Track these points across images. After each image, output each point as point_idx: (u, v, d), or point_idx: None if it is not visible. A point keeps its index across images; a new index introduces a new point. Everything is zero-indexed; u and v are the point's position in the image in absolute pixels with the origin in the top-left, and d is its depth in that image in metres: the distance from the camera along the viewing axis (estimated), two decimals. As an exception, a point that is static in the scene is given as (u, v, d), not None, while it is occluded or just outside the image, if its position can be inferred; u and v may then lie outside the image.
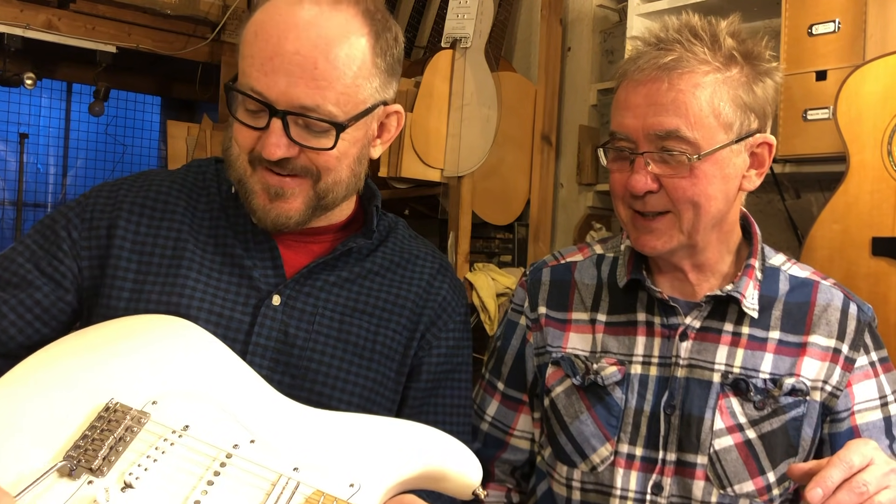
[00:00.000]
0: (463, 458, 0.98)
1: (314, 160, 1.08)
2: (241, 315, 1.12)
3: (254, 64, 1.05)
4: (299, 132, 1.05)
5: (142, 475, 0.89)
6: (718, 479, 1.16)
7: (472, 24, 2.67)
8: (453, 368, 1.24)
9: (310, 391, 1.11)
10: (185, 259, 1.13)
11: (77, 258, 1.14)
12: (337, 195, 1.13)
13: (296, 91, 1.03)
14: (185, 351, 1.05)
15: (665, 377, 1.20)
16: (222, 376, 1.02)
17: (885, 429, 1.19)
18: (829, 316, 1.20)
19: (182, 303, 1.10)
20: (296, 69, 1.03)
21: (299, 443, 0.95)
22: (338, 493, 0.89)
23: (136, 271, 1.12)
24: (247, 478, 0.90)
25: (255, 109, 1.06)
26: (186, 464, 0.90)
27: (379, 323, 1.18)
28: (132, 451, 0.91)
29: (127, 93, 5.21)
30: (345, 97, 1.06)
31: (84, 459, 0.88)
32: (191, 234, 1.15)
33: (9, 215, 4.98)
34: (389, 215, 1.29)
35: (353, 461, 0.94)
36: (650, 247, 1.17)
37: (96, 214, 1.16)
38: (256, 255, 1.15)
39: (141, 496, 0.86)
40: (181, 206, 1.17)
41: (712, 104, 1.11)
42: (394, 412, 1.20)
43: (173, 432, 0.93)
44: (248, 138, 1.07)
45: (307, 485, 0.90)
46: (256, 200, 1.09)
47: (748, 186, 1.18)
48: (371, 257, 1.22)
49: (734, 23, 1.16)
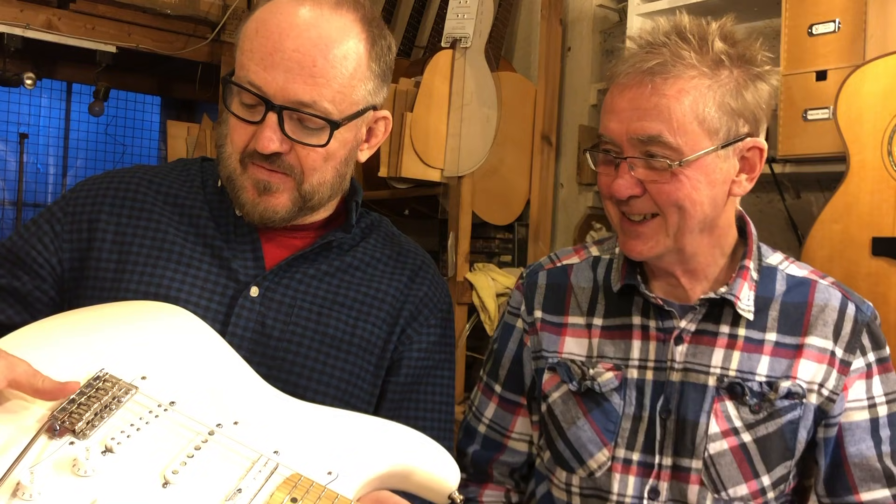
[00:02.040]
0: (440, 460, 0.98)
1: (302, 159, 1.10)
2: (218, 305, 1.13)
3: (253, 58, 1.07)
4: (293, 128, 1.08)
5: (123, 441, 0.90)
6: (713, 484, 1.16)
7: (472, 24, 2.66)
8: (434, 365, 1.24)
9: (286, 382, 1.12)
10: (165, 250, 1.15)
11: (59, 250, 1.16)
12: (322, 196, 1.15)
13: (293, 87, 1.06)
14: (176, 333, 1.07)
15: (661, 381, 1.19)
16: (211, 360, 1.04)
17: (870, 429, 1.18)
18: (827, 316, 1.19)
19: (160, 293, 1.12)
20: (294, 66, 1.06)
21: (281, 429, 0.96)
22: (316, 478, 0.89)
23: (116, 261, 1.15)
24: (227, 454, 0.91)
25: (252, 103, 1.08)
26: (169, 435, 0.92)
27: (358, 316, 1.18)
28: (117, 418, 0.92)
29: (127, 93, 5.21)
30: (340, 96, 1.09)
31: (68, 421, 0.89)
32: (171, 224, 1.17)
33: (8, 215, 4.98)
34: (374, 213, 1.30)
35: (333, 451, 0.94)
36: (637, 251, 1.17)
37: (79, 208, 1.19)
38: (237, 246, 1.17)
39: (120, 461, 0.87)
40: (162, 199, 1.20)
41: (696, 110, 1.09)
42: (372, 406, 1.20)
43: (159, 405, 0.95)
44: (243, 135, 1.10)
45: (286, 466, 0.90)
46: (245, 195, 1.12)
47: (738, 192, 1.17)
48: (353, 252, 1.23)
49: (726, 24, 1.14)
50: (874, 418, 1.18)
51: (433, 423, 1.23)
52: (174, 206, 1.19)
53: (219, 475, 0.88)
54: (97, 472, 0.85)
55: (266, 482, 0.88)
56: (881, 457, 1.18)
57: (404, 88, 2.65)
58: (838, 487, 1.20)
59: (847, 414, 1.18)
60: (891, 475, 1.18)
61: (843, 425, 1.18)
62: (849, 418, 1.18)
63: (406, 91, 2.64)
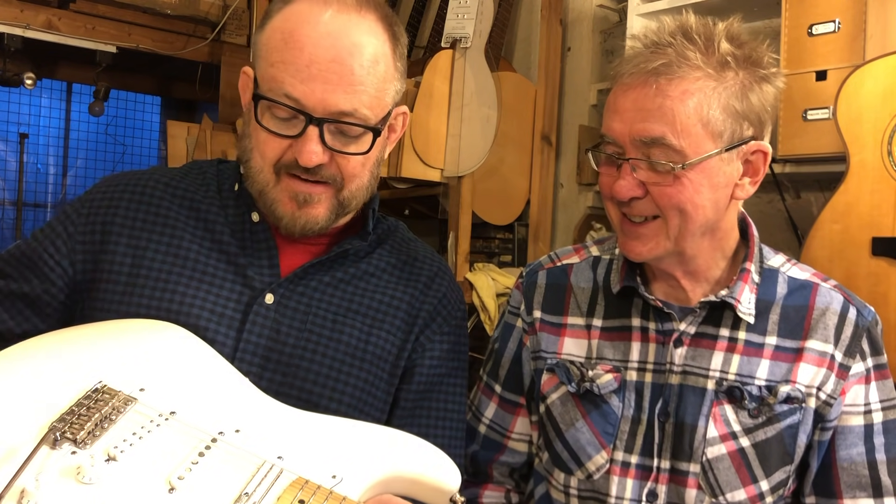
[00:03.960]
0: (441, 463, 0.99)
1: (342, 168, 1.10)
2: (233, 312, 1.12)
3: (287, 70, 1.05)
4: (333, 139, 1.07)
5: (126, 449, 0.89)
6: (710, 488, 1.15)
7: (472, 24, 2.66)
8: (448, 373, 1.24)
9: (300, 390, 1.11)
10: (180, 256, 1.14)
11: (71, 252, 1.15)
12: (360, 200, 1.15)
13: (334, 98, 1.05)
14: (174, 349, 1.07)
15: (660, 384, 1.19)
16: (209, 372, 1.05)
17: (863, 435, 1.17)
18: (827, 320, 1.18)
19: (175, 299, 1.11)
20: (333, 76, 1.04)
21: (283, 436, 0.97)
22: (321, 482, 0.90)
23: (130, 265, 1.13)
24: (231, 459, 0.91)
25: (286, 116, 1.07)
26: (171, 444, 0.92)
27: (373, 324, 1.18)
28: (118, 428, 0.92)
29: (127, 93, 5.21)
30: (376, 101, 1.09)
31: (69, 431, 0.89)
32: (186, 230, 1.16)
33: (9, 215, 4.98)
34: (390, 219, 1.30)
35: (336, 456, 0.95)
36: (636, 252, 1.16)
37: (94, 210, 1.17)
38: (253, 253, 1.16)
39: (124, 468, 0.87)
40: (178, 203, 1.18)
41: (701, 112, 1.07)
42: (386, 414, 1.19)
43: (160, 415, 0.95)
44: (276, 148, 1.08)
45: (291, 471, 0.91)
46: (282, 209, 1.10)
47: (741, 195, 1.15)
48: (368, 259, 1.22)
49: (733, 25, 1.13)
50: (868, 424, 1.17)
51: (444, 432, 1.22)
52: (190, 209, 1.18)
53: (224, 480, 0.88)
54: (102, 479, 0.85)
55: (272, 486, 0.88)
56: (871, 464, 1.17)
57: (404, 89, 2.64)
58: (824, 490, 1.19)
59: (843, 418, 1.17)
60: (878, 485, 1.16)
61: (837, 429, 1.17)
62: (844, 422, 1.17)
63: (406, 91, 2.63)
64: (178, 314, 1.10)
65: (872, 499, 1.16)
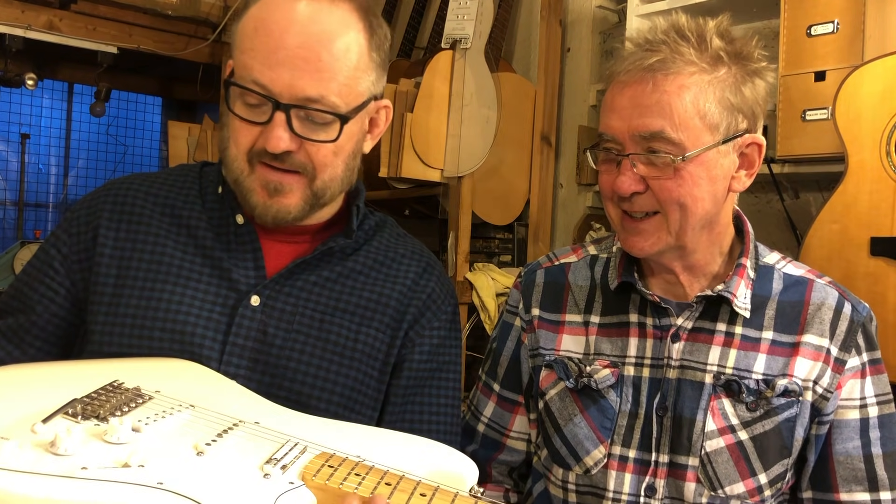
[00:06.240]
0: (455, 459, 0.98)
1: (312, 156, 1.09)
2: (219, 315, 1.12)
3: (256, 57, 1.06)
4: (301, 125, 1.07)
5: (150, 423, 0.90)
6: (709, 481, 1.16)
7: (471, 25, 2.67)
8: (438, 367, 1.23)
9: (289, 390, 1.12)
10: (164, 264, 1.15)
11: (70, 272, 1.16)
12: (334, 191, 1.14)
13: (300, 83, 1.05)
14: (184, 369, 1.08)
15: (657, 379, 1.20)
16: (220, 385, 1.05)
17: (860, 429, 1.18)
18: (823, 315, 1.19)
19: (161, 306, 1.12)
20: (300, 62, 1.05)
21: (304, 431, 0.97)
22: (349, 455, 0.90)
23: (115, 276, 1.14)
24: (255, 437, 0.92)
25: (256, 103, 1.07)
26: (195, 423, 0.93)
27: (361, 322, 1.17)
28: (138, 412, 0.93)
29: (128, 93, 5.21)
30: (346, 89, 1.08)
31: (90, 408, 0.90)
32: (169, 237, 1.17)
33: (10, 215, 4.98)
34: (378, 214, 1.29)
35: (357, 453, 0.94)
36: (638, 248, 1.17)
37: (81, 228, 1.18)
38: (238, 255, 1.16)
39: (150, 438, 0.88)
40: (160, 210, 1.19)
41: (697, 105, 1.10)
42: (377, 412, 1.19)
43: (179, 405, 0.96)
44: (248, 135, 1.08)
45: (316, 446, 0.91)
46: (255, 198, 1.10)
47: (738, 188, 1.18)
48: (354, 256, 1.22)
49: (723, 22, 1.15)
50: (864, 418, 1.18)
51: (437, 427, 1.22)
52: (172, 216, 1.18)
53: (251, 449, 0.89)
54: (129, 441, 0.86)
55: (300, 455, 0.89)
56: (867, 458, 1.18)
57: (404, 89, 2.65)
58: (821, 484, 1.20)
59: (839, 412, 1.18)
60: (874, 478, 1.18)
61: (833, 423, 1.18)
62: (840, 416, 1.18)
63: (406, 92, 2.64)
64: (165, 321, 1.11)
65: (868, 492, 1.17)
